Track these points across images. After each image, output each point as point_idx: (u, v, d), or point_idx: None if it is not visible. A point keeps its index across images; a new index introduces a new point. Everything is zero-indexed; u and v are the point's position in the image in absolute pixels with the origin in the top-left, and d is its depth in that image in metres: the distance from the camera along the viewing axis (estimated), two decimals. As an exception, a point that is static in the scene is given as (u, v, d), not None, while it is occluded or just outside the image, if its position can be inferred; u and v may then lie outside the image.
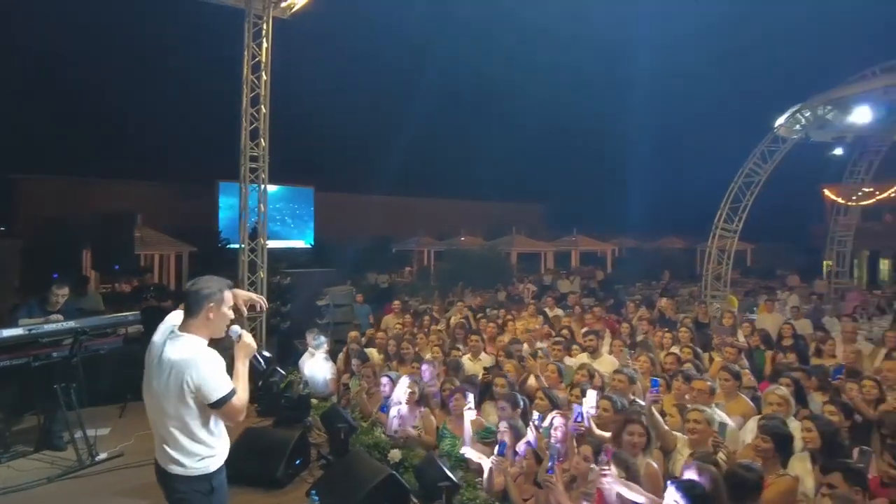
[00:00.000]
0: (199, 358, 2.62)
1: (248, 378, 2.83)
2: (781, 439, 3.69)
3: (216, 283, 2.80)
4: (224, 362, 2.74)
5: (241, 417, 2.78)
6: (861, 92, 11.45)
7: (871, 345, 7.38)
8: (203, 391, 2.59)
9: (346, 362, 6.91)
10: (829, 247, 16.48)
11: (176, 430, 2.65)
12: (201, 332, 2.73)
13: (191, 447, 2.67)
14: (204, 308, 2.71)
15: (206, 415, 2.69)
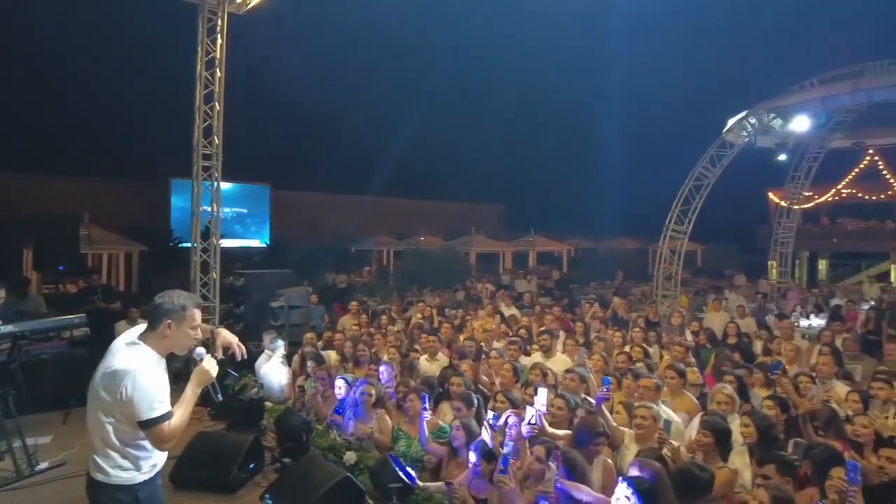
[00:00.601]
0: (141, 370, 2.50)
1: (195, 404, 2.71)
2: (721, 434, 3.86)
3: (181, 299, 2.70)
4: (167, 383, 2.65)
5: (168, 446, 2.66)
6: (800, 102, 12.05)
7: (807, 342, 7.76)
8: (134, 406, 2.47)
9: (301, 365, 6.83)
10: (773, 247, 17.23)
11: (104, 436, 2.55)
12: (157, 346, 2.65)
13: (115, 456, 2.57)
14: (162, 323, 2.63)
15: (129, 426, 2.56)
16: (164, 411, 2.54)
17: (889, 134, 15.54)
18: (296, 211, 30.06)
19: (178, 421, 2.60)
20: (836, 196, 23.05)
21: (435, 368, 6.63)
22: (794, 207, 17.04)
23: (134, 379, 2.48)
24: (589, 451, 3.76)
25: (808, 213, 25.87)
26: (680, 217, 13.45)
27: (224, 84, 8.83)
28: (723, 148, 13.42)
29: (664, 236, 13.57)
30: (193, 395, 2.70)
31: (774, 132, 14.09)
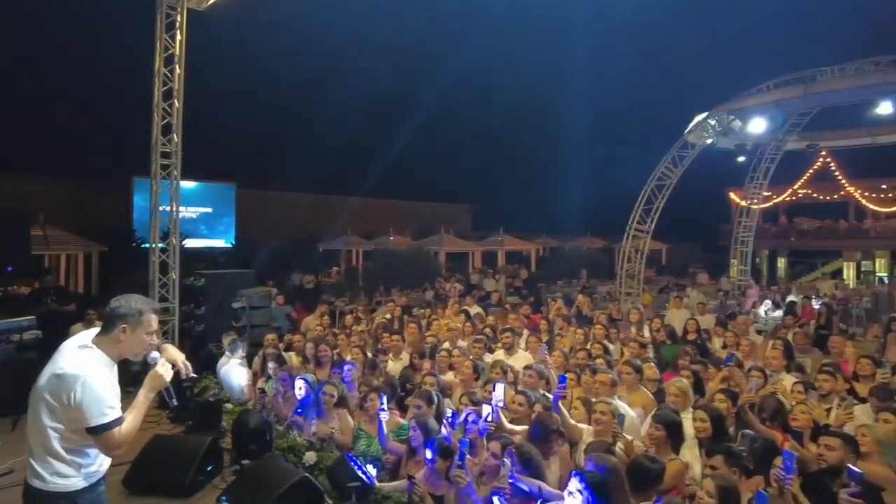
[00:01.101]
0: (91, 377, 2.45)
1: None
2: (672, 427, 3.97)
3: (138, 303, 2.65)
4: (117, 389, 2.59)
5: (118, 453, 2.60)
6: (757, 104, 12.41)
7: (761, 337, 8.01)
8: (83, 412, 2.42)
9: (262, 366, 6.76)
10: (734, 246, 17.70)
11: (45, 441, 2.48)
12: (110, 350, 2.60)
13: (55, 462, 2.49)
14: (116, 327, 2.58)
15: (74, 431, 2.50)
16: (115, 417, 2.48)
17: (840, 136, 16.13)
18: (263, 210, 29.62)
19: (129, 427, 2.54)
20: (792, 196, 23.83)
21: (398, 368, 6.65)
22: (754, 207, 17.54)
23: (84, 384, 2.42)
24: (545, 447, 3.82)
25: (767, 213, 26.72)
26: (642, 216, 13.72)
27: (184, 81, 8.66)
28: (684, 149, 13.74)
29: (627, 235, 13.83)
30: (146, 400, 2.66)
31: (734, 133, 14.49)
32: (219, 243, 27.96)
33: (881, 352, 7.85)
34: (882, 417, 3.89)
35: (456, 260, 27.61)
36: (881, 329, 8.62)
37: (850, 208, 25.71)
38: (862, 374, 5.73)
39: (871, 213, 24.34)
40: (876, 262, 25.81)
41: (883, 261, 25.88)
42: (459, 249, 27.15)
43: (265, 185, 31.23)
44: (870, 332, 8.84)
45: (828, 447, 3.44)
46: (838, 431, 3.62)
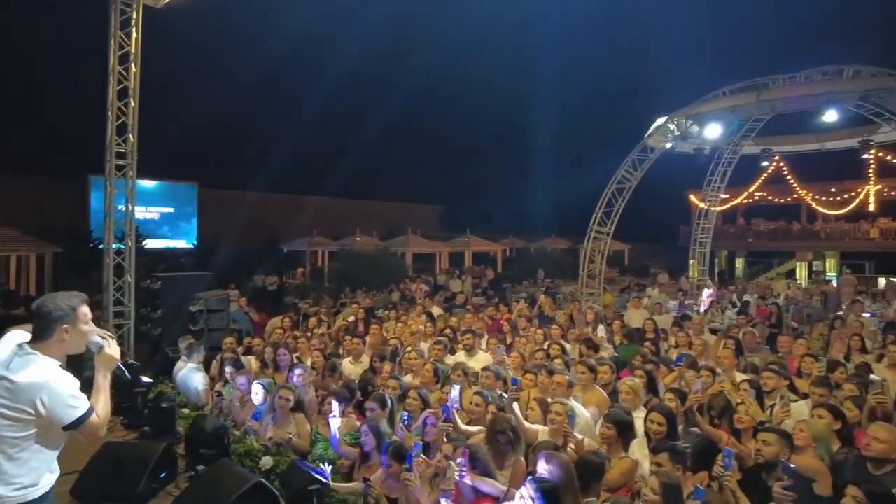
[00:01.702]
0: (52, 381, 2.50)
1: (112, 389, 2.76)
2: (623, 426, 4.08)
3: (67, 300, 2.65)
4: (78, 382, 2.64)
5: (102, 433, 2.70)
6: (713, 110, 12.77)
7: (714, 337, 8.26)
8: (58, 414, 2.49)
9: (220, 370, 6.66)
10: (693, 247, 18.17)
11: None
12: (55, 353, 2.61)
13: (12, 472, 2.51)
14: (57, 331, 2.59)
15: (37, 440, 2.54)
16: (86, 407, 2.56)
17: (791, 142, 16.73)
18: (226, 210, 29.08)
19: (103, 410, 2.64)
20: (749, 198, 24.55)
21: (358, 371, 6.63)
22: (712, 209, 18.04)
23: (48, 389, 2.47)
24: (498, 448, 3.87)
25: (726, 215, 27.49)
26: (603, 218, 13.97)
27: (140, 79, 8.46)
28: (644, 152, 14.05)
29: (588, 237, 14.07)
30: (105, 381, 2.72)
31: (692, 138, 14.88)
32: (180, 244, 27.37)
33: (826, 349, 8.22)
34: (817, 413, 4.08)
35: (423, 261, 27.63)
36: (826, 327, 9.02)
37: (803, 211, 26.67)
38: (805, 372, 6.00)
39: (822, 216, 25.30)
40: (826, 263, 26.83)
41: (832, 261, 26.90)
42: (426, 250, 27.17)
43: (228, 184, 30.71)
44: (816, 330, 9.22)
45: (765, 442, 3.59)
46: (775, 427, 3.77)
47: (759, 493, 3.27)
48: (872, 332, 9.44)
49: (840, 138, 15.59)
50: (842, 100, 11.53)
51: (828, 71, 12.09)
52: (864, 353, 7.24)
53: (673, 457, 3.47)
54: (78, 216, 24.13)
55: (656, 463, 3.48)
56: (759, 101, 12.13)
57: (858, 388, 5.05)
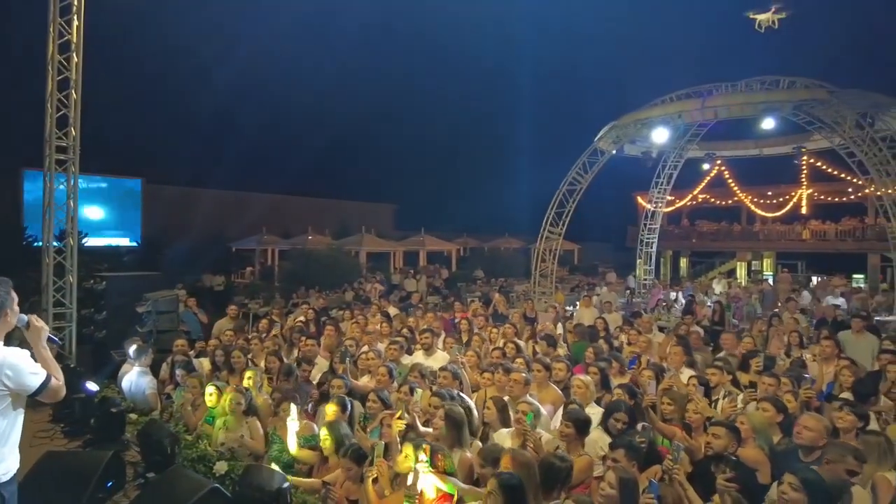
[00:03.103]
0: (10, 357, 2.80)
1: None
2: (581, 424, 4.18)
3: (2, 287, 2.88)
4: (28, 352, 2.91)
5: (63, 394, 3.04)
6: (660, 115, 13.24)
7: (662, 335, 8.57)
8: (23, 384, 2.80)
9: (170, 373, 6.46)
10: (639, 247, 18.77)
11: None
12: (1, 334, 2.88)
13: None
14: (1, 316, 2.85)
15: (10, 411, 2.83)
16: (44, 373, 2.88)
17: (732, 147, 17.53)
18: (171, 207, 28.09)
19: (59, 373, 2.98)
20: (693, 200, 25.57)
21: (314, 373, 6.54)
22: (658, 210, 18.68)
23: (10, 366, 2.78)
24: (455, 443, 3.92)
25: (671, 216, 28.50)
26: (555, 219, 14.27)
27: (82, 71, 8.07)
28: (594, 155, 14.42)
29: (541, 237, 14.33)
30: (47, 351, 3.02)
31: (640, 141, 15.40)
32: (124, 242, 26.25)
33: (765, 345, 8.66)
34: (761, 406, 4.31)
35: (378, 260, 27.47)
36: (765, 324, 9.50)
37: (743, 213, 27.95)
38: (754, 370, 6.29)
39: (760, 218, 26.58)
40: (764, 263, 28.22)
41: (769, 261, 28.33)
42: (380, 249, 27.01)
43: (174, 180, 29.65)
44: (755, 327, 9.69)
45: (715, 436, 3.76)
46: (724, 421, 3.95)
47: (710, 485, 3.43)
48: (805, 328, 10.00)
49: (776, 145, 16.45)
50: (778, 108, 12.16)
51: (766, 80, 12.73)
52: (802, 349, 7.68)
53: (629, 453, 3.59)
54: (12, 212, 22.79)
55: (613, 458, 3.59)
56: (703, 107, 12.66)
57: (791, 382, 5.36)
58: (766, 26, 14.03)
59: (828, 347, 6.60)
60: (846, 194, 24.17)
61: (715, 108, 12.90)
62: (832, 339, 6.85)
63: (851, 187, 22.23)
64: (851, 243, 23.64)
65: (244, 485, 4.07)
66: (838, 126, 11.66)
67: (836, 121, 11.66)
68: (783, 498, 2.91)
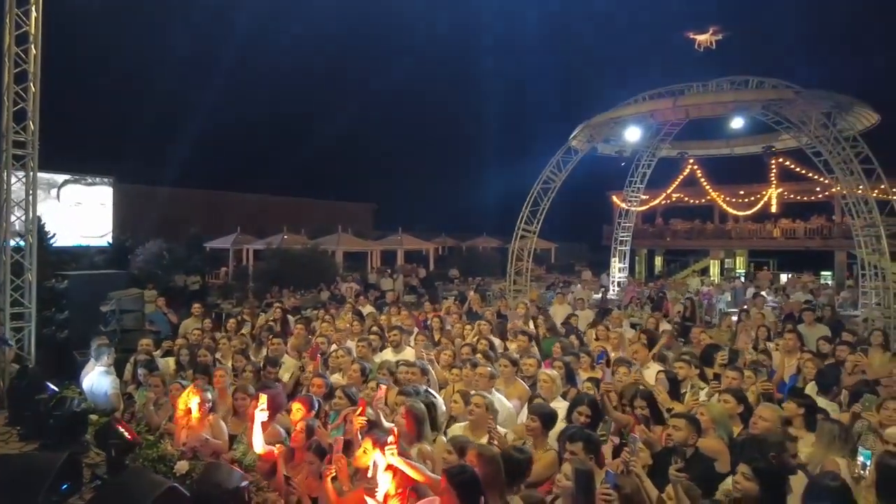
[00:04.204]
0: None
1: None
2: (547, 418, 4.19)
3: None
4: None
5: None
6: (633, 114, 13.37)
7: (632, 330, 8.66)
8: None
9: (133, 373, 6.32)
10: (614, 245, 18.94)
11: None
12: None
13: None
14: None
15: None
16: None
17: (704, 146, 17.79)
18: (144, 207, 27.58)
19: None
20: (666, 199, 25.89)
21: (282, 373, 6.47)
22: (632, 209, 18.87)
23: None
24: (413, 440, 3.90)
25: (646, 215, 28.84)
26: (529, 217, 14.33)
27: (41, 63, 7.84)
28: (568, 154, 14.52)
29: (516, 235, 14.39)
30: None
31: (614, 141, 15.54)
32: (95, 241, 25.65)
33: (733, 340, 8.82)
34: (722, 398, 4.37)
35: (355, 260, 27.31)
36: (732, 320, 9.68)
37: (715, 212, 28.39)
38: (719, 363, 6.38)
39: (732, 217, 27.04)
40: (736, 261, 28.72)
41: (741, 259, 28.86)
42: (357, 249, 26.87)
43: (147, 179, 29.13)
44: (724, 322, 9.87)
45: (675, 427, 3.80)
46: (684, 413, 4.00)
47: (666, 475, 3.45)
48: (773, 323, 10.20)
49: (747, 144, 16.74)
50: (747, 108, 12.37)
51: (736, 80, 12.94)
52: (769, 343, 7.82)
53: (587, 446, 3.60)
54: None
55: (571, 451, 3.60)
56: (675, 106, 12.82)
57: (755, 374, 5.46)
58: (704, 46, 14.38)
59: (790, 340, 6.74)
60: (814, 193, 24.72)
61: (686, 107, 13.08)
62: (795, 332, 6.99)
63: (819, 186, 22.74)
64: (819, 241, 24.18)
65: (203, 483, 4.01)
66: (804, 125, 11.89)
67: (803, 120, 11.89)
68: (736, 487, 2.94)
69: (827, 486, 2.69)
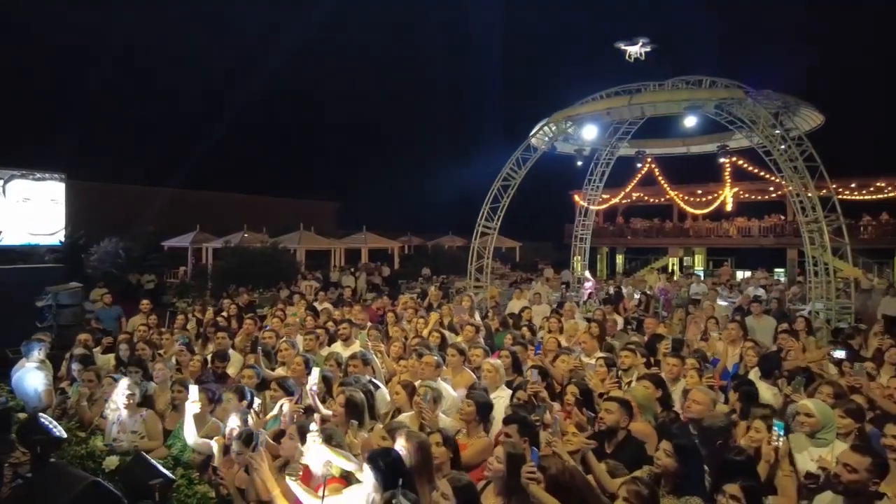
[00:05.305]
0: None
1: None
2: (483, 405, 4.19)
3: None
4: None
5: None
6: (590, 112, 13.53)
7: (585, 322, 8.76)
8: None
9: (69, 368, 6.10)
10: (574, 243, 19.14)
11: None
12: None
13: None
14: None
15: None
16: None
17: (661, 145, 18.13)
18: (99, 205, 26.69)
19: None
20: (627, 198, 26.35)
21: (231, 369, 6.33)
22: (592, 208, 19.09)
23: None
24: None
25: (607, 213, 29.30)
26: (490, 214, 14.37)
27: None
28: (527, 151, 14.61)
29: (476, 233, 14.42)
30: None
31: (573, 139, 15.69)
32: (47, 240, 24.70)
33: (683, 332, 9.02)
34: (642, 383, 4.45)
35: (318, 258, 27.01)
36: (684, 313, 9.91)
37: (674, 210, 29.03)
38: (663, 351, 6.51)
39: (691, 216, 27.68)
40: (695, 258, 29.42)
41: (700, 257, 29.57)
42: (319, 247, 26.60)
43: (102, 176, 28.22)
44: (675, 316, 10.10)
45: (607, 411, 3.84)
46: (616, 396, 4.05)
47: (599, 456, 3.49)
48: (725, 318, 10.46)
49: (702, 143, 17.11)
50: (701, 106, 12.63)
51: (690, 80, 13.21)
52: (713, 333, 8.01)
53: (521, 429, 3.61)
54: None
55: (505, 433, 3.60)
56: (630, 104, 13.02)
57: (698, 362, 5.57)
58: (634, 57, 14.78)
59: (733, 330, 6.91)
60: (768, 193, 25.49)
61: (641, 105, 13.28)
62: (737, 322, 7.18)
63: (773, 186, 23.46)
64: (773, 239, 24.95)
65: (126, 477, 3.88)
66: (755, 125, 12.20)
67: (753, 120, 12.20)
68: (657, 463, 2.98)
69: (733, 460, 2.77)
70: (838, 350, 6.23)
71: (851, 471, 2.71)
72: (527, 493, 2.98)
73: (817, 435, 3.72)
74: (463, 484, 2.96)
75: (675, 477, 2.91)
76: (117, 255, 20.33)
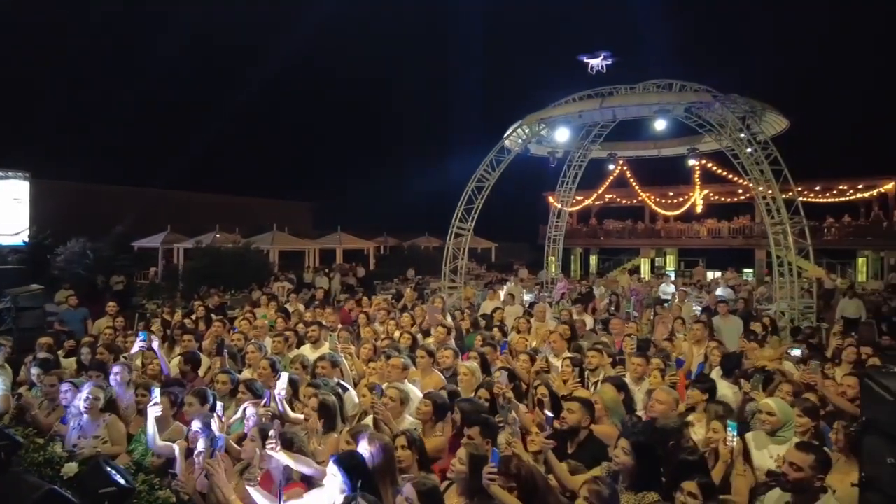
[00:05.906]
0: None
1: None
2: (439, 406, 4.22)
3: None
4: None
5: None
6: (563, 115, 13.68)
7: (556, 322, 8.86)
8: None
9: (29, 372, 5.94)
10: (548, 244, 19.32)
11: None
12: None
13: None
14: None
15: None
16: None
17: (633, 147, 18.41)
18: (65, 204, 26.06)
19: None
20: (599, 200, 26.68)
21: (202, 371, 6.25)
22: (566, 209, 19.30)
23: None
24: None
25: (580, 215, 29.61)
26: (464, 215, 14.44)
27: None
28: (501, 153, 14.71)
29: (450, 234, 14.47)
30: None
31: (546, 141, 15.84)
32: (8, 240, 24.00)
33: (651, 331, 9.18)
34: (603, 388, 4.53)
35: (292, 258, 26.76)
36: (652, 313, 10.08)
37: (646, 212, 29.47)
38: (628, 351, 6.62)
39: (662, 217, 28.14)
40: (666, 259, 29.88)
41: (672, 257, 30.05)
42: (294, 247, 26.38)
43: (68, 175, 27.54)
44: (644, 316, 10.27)
45: (569, 410, 3.89)
46: (578, 396, 4.11)
47: (561, 455, 3.54)
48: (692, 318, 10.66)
49: (673, 146, 17.42)
50: (670, 109, 12.87)
51: (661, 84, 13.44)
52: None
53: (483, 430, 3.64)
54: None
55: (468, 435, 3.63)
56: (602, 107, 13.20)
57: (663, 362, 5.68)
58: (596, 70, 15.15)
59: (698, 331, 7.05)
60: (737, 195, 26.04)
61: (613, 108, 13.47)
62: (702, 323, 7.32)
63: (741, 188, 23.98)
64: (742, 240, 25.50)
65: (85, 483, 3.80)
66: (723, 128, 12.48)
67: (721, 123, 12.48)
68: (615, 460, 3.04)
69: (687, 460, 2.84)
70: (795, 349, 6.41)
71: (797, 469, 2.81)
72: (489, 494, 3.01)
73: (777, 433, 3.83)
74: (428, 488, 2.98)
75: (633, 474, 2.97)
76: (85, 255, 19.84)
